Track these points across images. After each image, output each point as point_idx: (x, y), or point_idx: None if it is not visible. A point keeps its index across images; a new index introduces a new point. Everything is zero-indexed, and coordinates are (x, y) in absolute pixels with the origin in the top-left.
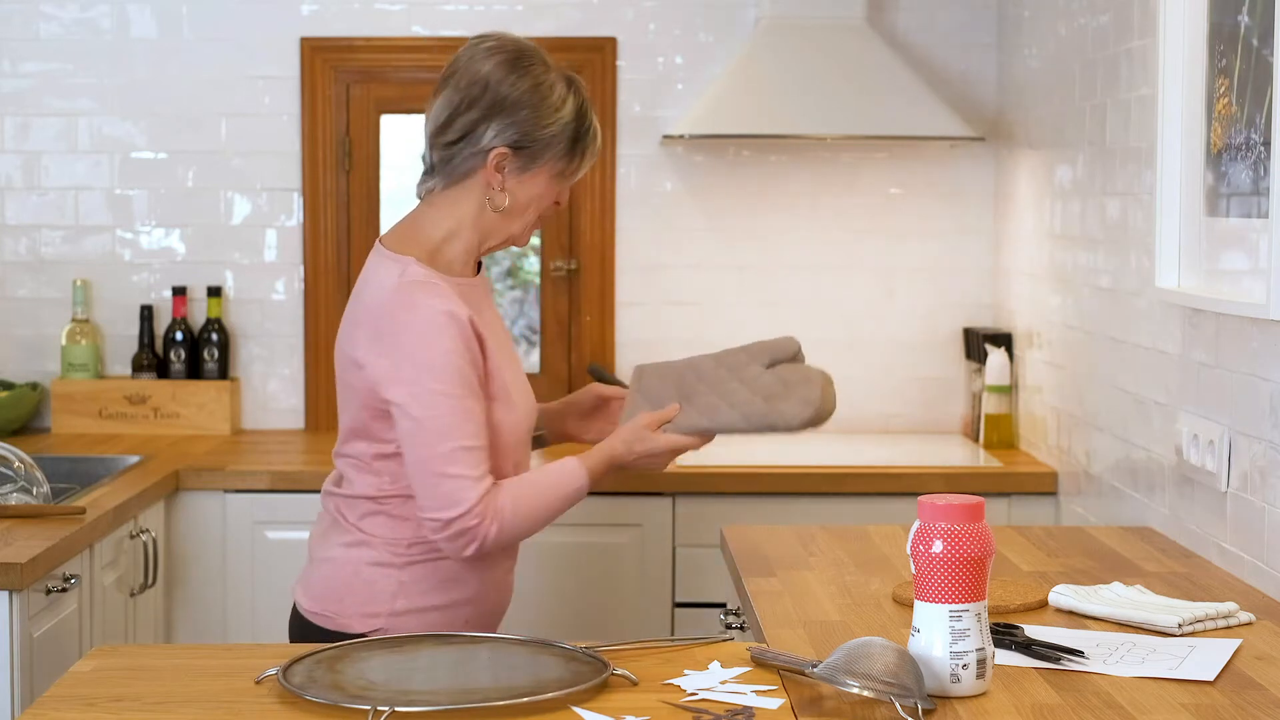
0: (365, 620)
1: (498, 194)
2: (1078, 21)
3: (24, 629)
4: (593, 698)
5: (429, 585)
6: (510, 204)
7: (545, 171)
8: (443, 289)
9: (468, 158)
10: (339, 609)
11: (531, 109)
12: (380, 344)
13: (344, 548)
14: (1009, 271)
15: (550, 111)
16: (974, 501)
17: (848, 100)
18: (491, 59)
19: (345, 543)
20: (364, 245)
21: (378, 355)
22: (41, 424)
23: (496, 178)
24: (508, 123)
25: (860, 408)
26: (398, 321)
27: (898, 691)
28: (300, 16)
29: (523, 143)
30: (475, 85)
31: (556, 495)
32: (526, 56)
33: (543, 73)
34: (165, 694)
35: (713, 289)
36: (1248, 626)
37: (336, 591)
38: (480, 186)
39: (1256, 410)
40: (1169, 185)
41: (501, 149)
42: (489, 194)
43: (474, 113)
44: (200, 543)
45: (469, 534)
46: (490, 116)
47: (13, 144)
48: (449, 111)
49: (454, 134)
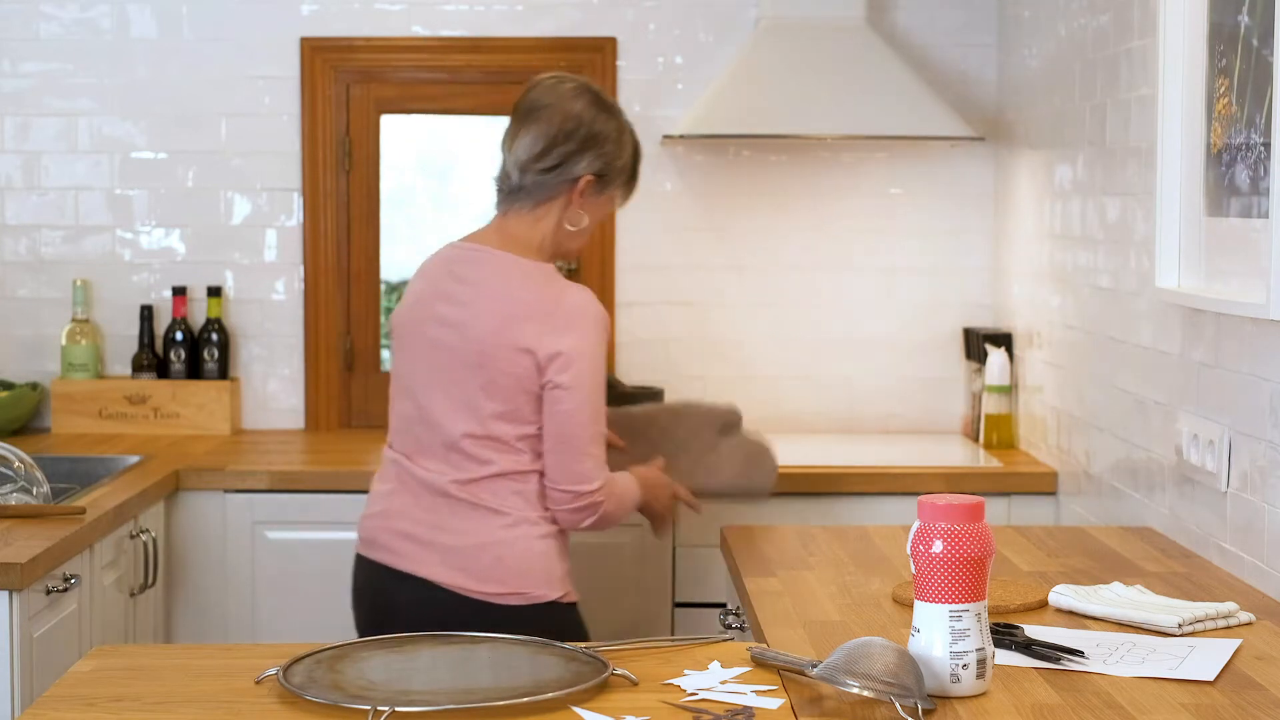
0: (555, 587)
1: (576, 213)
2: (1078, 21)
3: (24, 629)
4: (593, 698)
5: (566, 545)
6: (587, 224)
7: (610, 196)
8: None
9: (560, 183)
10: (528, 584)
11: (614, 144)
12: (561, 336)
13: (505, 528)
14: (1009, 271)
15: (623, 147)
16: (974, 501)
17: (848, 100)
18: (580, 99)
19: (505, 523)
20: (364, 245)
21: (556, 343)
22: (41, 424)
23: (579, 200)
24: (597, 154)
25: (860, 408)
26: (575, 318)
27: (898, 691)
28: (300, 16)
29: (603, 171)
30: (570, 121)
31: (634, 496)
32: (605, 99)
33: (619, 115)
34: (165, 694)
35: (713, 289)
36: (1248, 626)
37: (520, 569)
38: (560, 207)
39: (1256, 410)
40: (1169, 185)
41: (589, 176)
42: (567, 213)
43: (570, 144)
44: (200, 543)
45: (593, 508)
46: (585, 149)
47: (13, 144)
48: (545, 143)
49: (550, 161)
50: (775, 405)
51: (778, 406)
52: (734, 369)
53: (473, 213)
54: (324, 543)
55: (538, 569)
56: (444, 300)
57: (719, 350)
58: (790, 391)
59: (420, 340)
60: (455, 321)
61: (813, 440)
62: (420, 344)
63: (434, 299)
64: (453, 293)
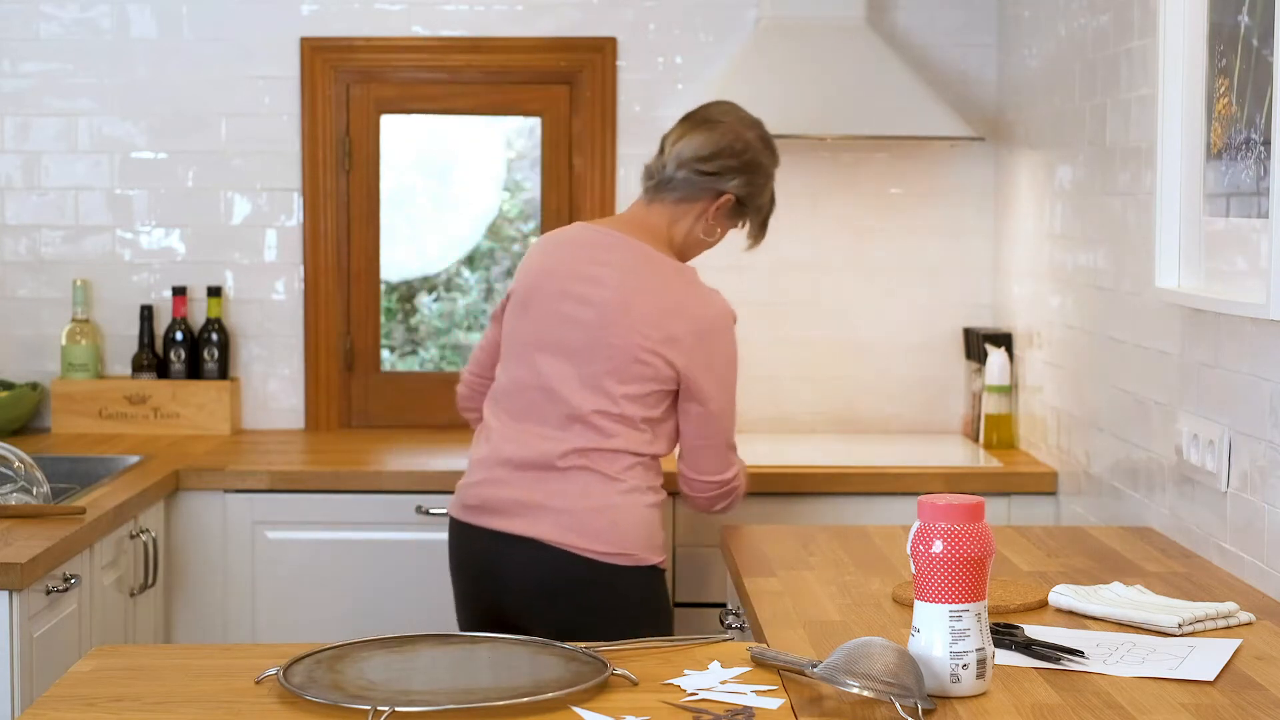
0: (657, 553)
1: (710, 226)
2: (1078, 21)
3: (24, 629)
4: (593, 698)
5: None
6: (713, 239)
7: (732, 223)
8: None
9: (707, 189)
10: (636, 547)
11: (762, 181)
12: (704, 342)
13: (622, 495)
14: (1009, 271)
15: (768, 191)
16: (974, 501)
17: (848, 100)
18: (754, 130)
19: (622, 490)
20: (364, 245)
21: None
22: (41, 424)
23: (715, 213)
24: (748, 180)
25: (860, 408)
26: (719, 327)
27: (898, 691)
28: (300, 16)
29: (745, 199)
30: (740, 142)
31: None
32: (773, 145)
33: (776, 163)
34: (165, 694)
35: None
36: (1248, 626)
37: (630, 535)
38: (698, 213)
39: (1256, 410)
40: (1169, 185)
41: (732, 197)
42: (701, 222)
43: (733, 160)
44: (200, 543)
45: (732, 493)
46: (743, 171)
47: (13, 144)
48: (714, 149)
49: (711, 167)
50: (775, 405)
51: (778, 406)
52: None
53: (473, 212)
54: (324, 543)
55: (644, 534)
56: (583, 280)
57: None
58: (790, 391)
59: (552, 313)
60: (596, 302)
61: (813, 440)
62: (551, 317)
63: (571, 276)
64: (593, 274)
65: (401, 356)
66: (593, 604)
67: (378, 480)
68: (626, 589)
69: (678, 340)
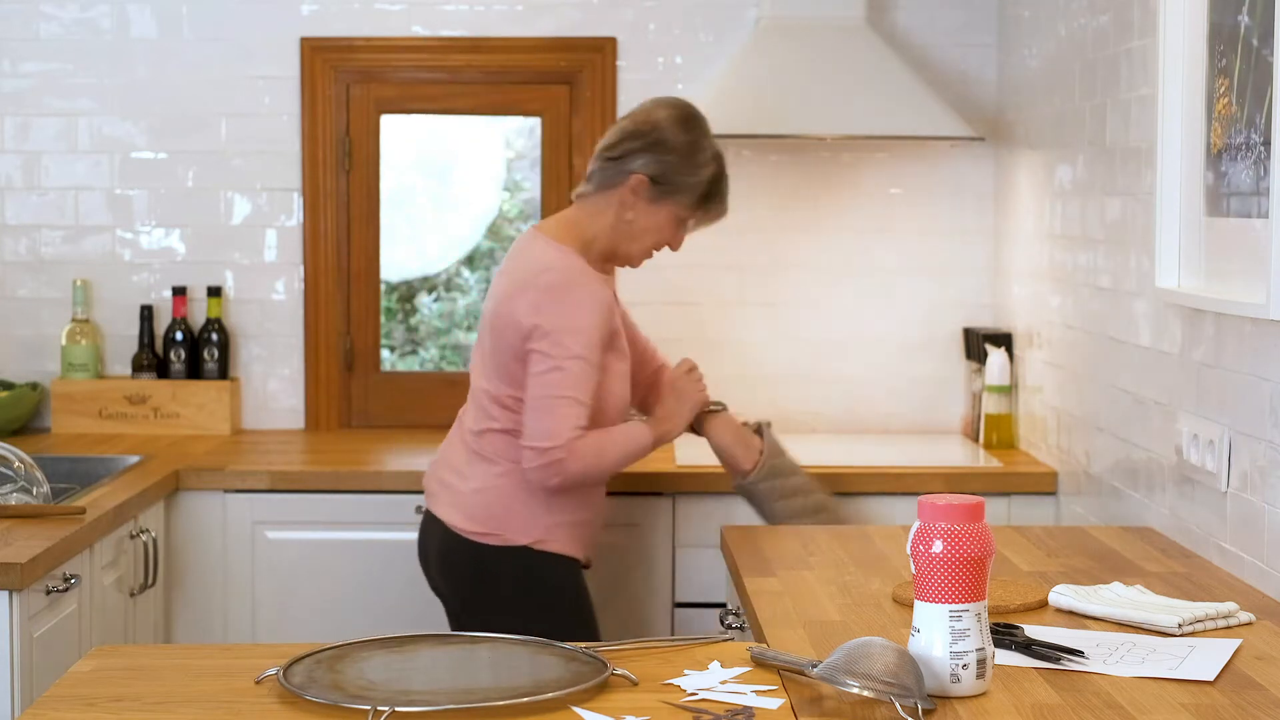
0: (527, 533)
1: (628, 211)
2: (1078, 21)
3: (24, 629)
4: (593, 698)
5: (569, 501)
6: (634, 225)
7: (669, 210)
8: (598, 277)
9: (617, 172)
10: (502, 526)
11: (680, 158)
12: (542, 308)
13: (497, 476)
14: (1009, 271)
15: (694, 167)
16: (974, 501)
17: (848, 100)
18: (664, 110)
19: (497, 472)
20: (364, 245)
21: (537, 315)
22: (41, 424)
23: (630, 198)
24: (657, 159)
25: (860, 408)
26: (562, 291)
27: (898, 691)
28: (300, 16)
29: (660, 179)
30: (647, 124)
31: (629, 448)
32: (694, 120)
33: (700, 137)
34: (165, 694)
35: (713, 289)
36: (1248, 626)
37: (496, 513)
38: (617, 200)
39: (1256, 410)
40: (1169, 185)
41: (642, 176)
42: (623, 207)
43: (637, 141)
44: (200, 543)
45: (557, 466)
46: (648, 149)
47: (13, 144)
48: (619, 137)
49: (615, 152)
50: (775, 405)
51: (778, 406)
52: (734, 369)
53: (473, 212)
54: (324, 543)
55: (517, 516)
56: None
57: (719, 350)
58: (790, 391)
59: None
60: (491, 294)
61: (813, 440)
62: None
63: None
64: (502, 269)
65: (401, 356)
66: (475, 582)
67: (378, 480)
68: (498, 568)
69: (522, 303)
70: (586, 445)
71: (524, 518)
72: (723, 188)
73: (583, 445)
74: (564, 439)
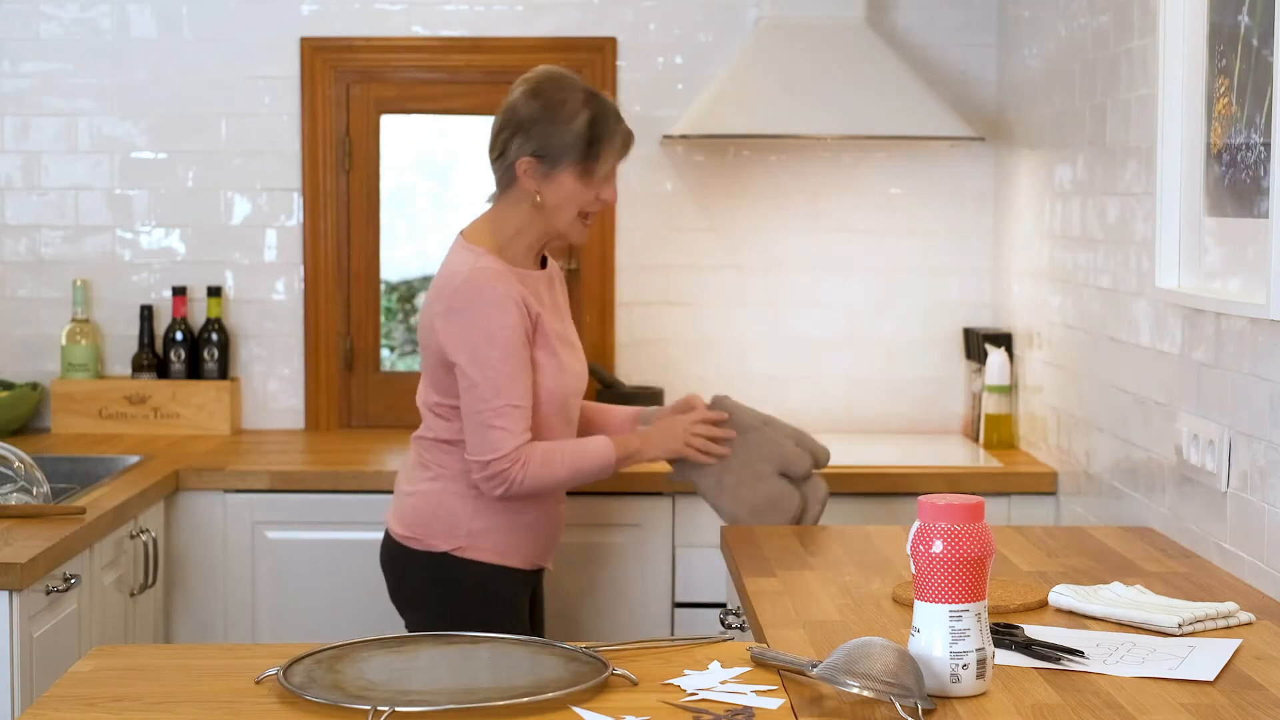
0: (448, 539)
1: (535, 195)
2: (1078, 21)
3: (24, 629)
4: (593, 698)
5: (498, 510)
6: (546, 203)
7: (568, 173)
8: (505, 274)
9: (507, 169)
10: (426, 532)
11: (545, 123)
12: (452, 316)
13: (427, 482)
14: (1009, 271)
15: (562, 124)
16: (974, 501)
17: (848, 100)
18: (519, 89)
19: (428, 478)
20: (364, 245)
21: (449, 324)
22: (41, 424)
23: (530, 183)
24: (527, 137)
25: (860, 408)
26: (468, 298)
27: (898, 691)
28: (300, 16)
29: (540, 152)
30: (506, 110)
31: (582, 461)
32: (546, 82)
33: (553, 93)
34: (165, 694)
35: (713, 289)
36: (1248, 626)
37: (423, 518)
38: (525, 193)
39: (1256, 410)
40: (1169, 185)
41: (525, 158)
42: (527, 195)
43: (505, 133)
44: (200, 543)
45: (501, 476)
46: (515, 134)
47: (13, 144)
48: (492, 134)
49: (496, 152)
50: (775, 405)
51: (778, 406)
52: (734, 369)
53: (473, 212)
54: (324, 543)
55: (440, 522)
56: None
57: (719, 350)
58: (790, 391)
59: None
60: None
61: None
62: None
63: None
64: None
65: (401, 356)
66: (398, 584)
67: (377, 480)
68: (419, 571)
69: (437, 313)
70: (534, 454)
71: (446, 524)
72: (606, 125)
73: (530, 454)
74: (505, 449)
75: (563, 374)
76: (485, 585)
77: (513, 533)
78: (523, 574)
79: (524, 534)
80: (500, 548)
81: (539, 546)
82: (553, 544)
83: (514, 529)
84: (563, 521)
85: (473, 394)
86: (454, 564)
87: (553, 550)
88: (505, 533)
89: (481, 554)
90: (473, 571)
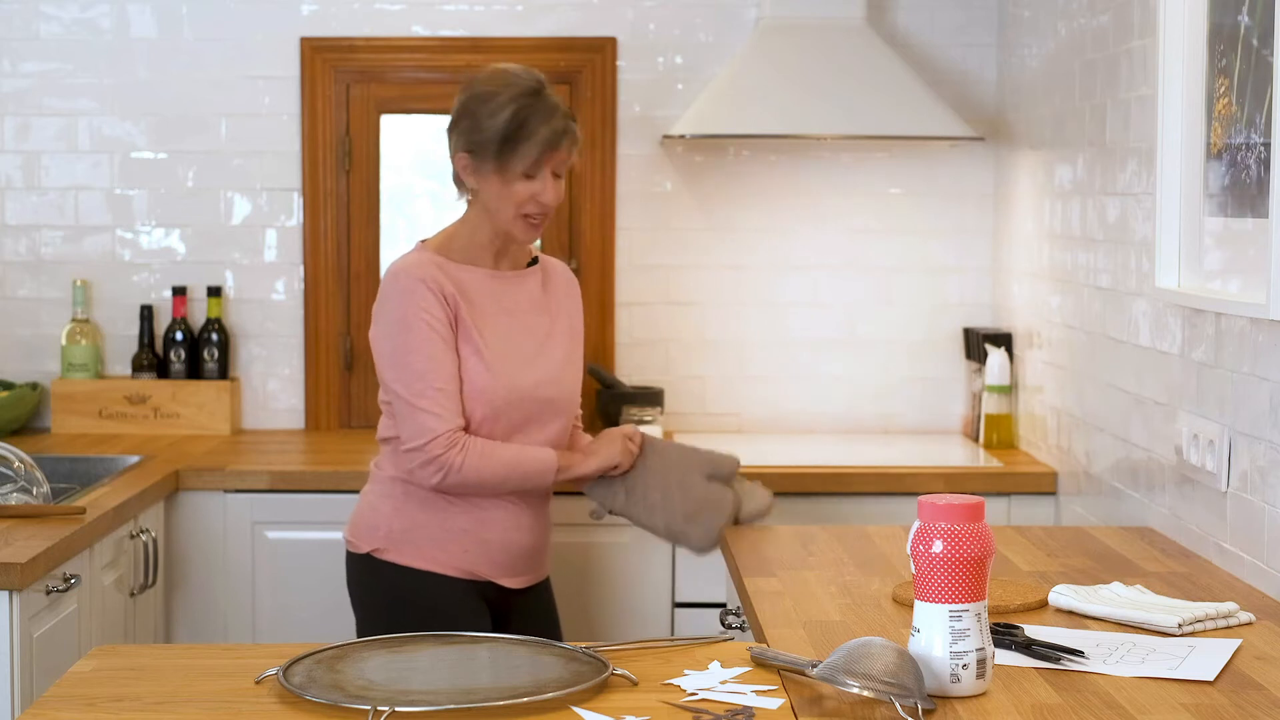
0: (369, 540)
1: (478, 193)
2: (1078, 21)
3: (24, 629)
4: (593, 698)
5: (419, 506)
6: (486, 201)
7: (490, 170)
8: (427, 264)
9: (453, 168)
10: (354, 534)
11: (470, 119)
12: (376, 310)
13: (369, 484)
14: (1009, 271)
15: (485, 118)
16: (974, 501)
17: (848, 100)
18: (459, 95)
19: (371, 480)
20: (364, 245)
21: (375, 319)
22: (41, 424)
23: (468, 179)
24: (457, 133)
25: (860, 408)
26: (385, 291)
27: (898, 691)
28: (300, 16)
29: (469, 147)
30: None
31: (523, 458)
32: (485, 79)
33: (485, 88)
34: (165, 694)
35: (713, 289)
36: (1248, 626)
37: (355, 519)
38: (469, 189)
39: (1256, 410)
40: (1169, 185)
41: (459, 154)
42: (475, 194)
43: (449, 136)
44: (200, 543)
45: (438, 462)
46: (452, 130)
47: (13, 144)
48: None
49: (450, 154)
50: (775, 405)
51: (778, 406)
52: (734, 369)
53: None
54: (324, 543)
55: (365, 523)
56: None
57: (719, 350)
58: (790, 391)
59: None
60: None
61: (813, 440)
62: None
63: None
64: None
65: None
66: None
67: None
68: (351, 573)
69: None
70: (473, 443)
71: (369, 524)
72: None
73: (470, 442)
74: (437, 430)
75: (492, 376)
76: (409, 590)
77: (439, 537)
78: (462, 584)
79: (455, 539)
80: (424, 552)
81: (480, 557)
82: (507, 558)
83: (442, 533)
84: (527, 535)
85: (398, 382)
86: (376, 566)
87: (513, 567)
88: (430, 536)
89: (402, 556)
90: (391, 575)
